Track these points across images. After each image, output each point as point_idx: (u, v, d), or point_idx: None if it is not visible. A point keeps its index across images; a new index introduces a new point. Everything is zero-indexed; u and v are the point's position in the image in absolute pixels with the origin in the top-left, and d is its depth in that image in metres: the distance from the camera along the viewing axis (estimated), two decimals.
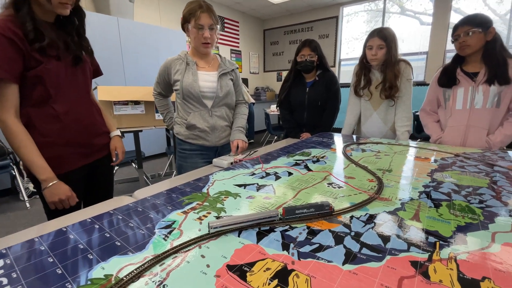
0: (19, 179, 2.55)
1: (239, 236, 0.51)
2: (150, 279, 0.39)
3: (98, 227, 0.55)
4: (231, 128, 1.37)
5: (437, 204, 0.64)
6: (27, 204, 2.47)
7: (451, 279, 0.39)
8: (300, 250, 0.46)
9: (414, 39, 5.09)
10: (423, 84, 4.86)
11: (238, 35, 6.23)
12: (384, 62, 1.48)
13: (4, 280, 0.40)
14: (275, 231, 0.52)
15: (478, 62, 1.30)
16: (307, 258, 0.44)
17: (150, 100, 2.14)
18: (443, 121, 1.44)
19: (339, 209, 0.61)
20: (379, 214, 0.59)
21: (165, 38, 3.97)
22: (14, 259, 0.45)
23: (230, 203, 0.66)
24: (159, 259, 0.43)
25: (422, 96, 1.62)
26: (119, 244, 0.48)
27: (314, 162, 1.01)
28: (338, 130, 1.71)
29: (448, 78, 1.37)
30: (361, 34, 5.74)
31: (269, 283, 0.38)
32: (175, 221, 0.57)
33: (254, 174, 0.88)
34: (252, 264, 0.42)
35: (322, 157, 1.09)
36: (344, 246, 0.47)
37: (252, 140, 5.08)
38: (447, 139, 1.40)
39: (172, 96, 1.42)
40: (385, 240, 0.49)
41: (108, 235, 0.52)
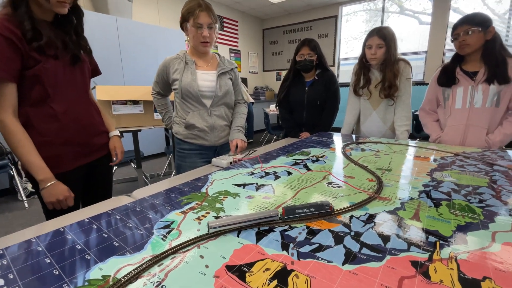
0: (18, 179, 2.54)
1: (238, 236, 0.51)
2: (148, 280, 0.39)
3: (96, 227, 0.55)
4: (230, 128, 1.37)
5: (437, 203, 0.64)
6: (26, 204, 2.46)
7: (451, 279, 0.39)
8: (299, 250, 0.46)
9: (413, 39, 5.09)
10: (422, 83, 4.87)
11: (237, 34, 6.22)
12: (384, 61, 1.48)
13: (1, 281, 0.39)
14: (274, 231, 0.52)
15: (477, 61, 1.29)
16: (306, 258, 0.44)
17: (149, 99, 2.13)
18: (443, 120, 1.44)
19: (338, 208, 0.61)
20: (379, 213, 0.59)
21: (164, 38, 3.96)
22: (11, 260, 0.45)
23: (229, 203, 0.66)
24: (158, 259, 0.43)
25: (421, 95, 1.62)
26: (117, 244, 0.48)
27: (313, 162, 1.01)
28: (338, 130, 1.71)
29: (447, 77, 1.37)
30: (360, 34, 5.75)
31: (268, 284, 0.38)
32: (173, 221, 0.56)
33: (253, 174, 0.88)
34: (251, 265, 0.42)
35: (322, 156, 1.09)
36: (344, 246, 0.47)
37: (251, 140, 5.08)
38: (447, 138, 1.40)
39: (171, 96, 1.41)
40: (385, 240, 0.49)
41: (106, 236, 0.51)
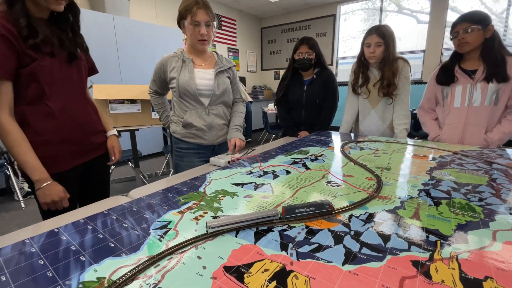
0: (14, 179, 2.51)
1: (236, 236, 0.50)
2: (144, 281, 0.38)
3: (91, 228, 0.54)
4: (229, 127, 1.36)
5: (437, 202, 0.64)
6: (22, 204, 2.44)
7: (453, 279, 0.38)
8: (299, 250, 0.45)
9: (411, 38, 5.10)
10: (420, 82, 4.88)
11: (235, 33, 6.20)
12: (382, 59, 1.47)
13: None
14: (273, 231, 0.51)
15: (476, 60, 1.29)
16: (306, 259, 0.43)
17: (146, 98, 2.12)
18: (441, 119, 1.44)
19: (338, 208, 0.60)
20: (378, 212, 0.58)
21: (161, 36, 3.94)
22: (4, 261, 0.44)
23: (228, 202, 0.65)
24: (154, 260, 0.42)
25: (419, 94, 1.61)
26: (112, 245, 0.47)
27: (312, 161, 1.00)
28: (336, 129, 1.70)
29: (446, 75, 1.36)
30: (358, 33, 5.75)
31: (267, 285, 0.37)
32: (170, 221, 0.56)
33: (251, 173, 0.87)
34: (249, 265, 0.41)
35: (321, 155, 1.08)
36: (344, 246, 0.46)
37: (249, 139, 5.07)
38: (445, 137, 1.40)
39: (169, 95, 1.40)
40: (385, 240, 0.48)
41: (101, 236, 0.50)
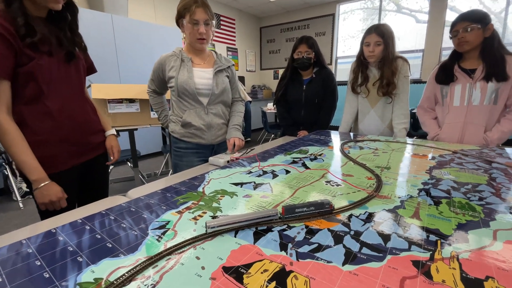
0: (12, 179, 2.50)
1: (235, 236, 0.49)
2: (142, 282, 0.38)
3: (89, 228, 0.53)
4: (228, 126, 1.35)
5: (436, 201, 0.63)
6: (20, 205, 2.43)
7: (454, 279, 0.38)
8: (298, 250, 0.45)
9: (410, 37, 5.10)
10: (419, 81, 4.88)
11: (234, 32, 6.19)
12: (382, 59, 1.47)
13: None
14: (272, 231, 0.51)
15: (475, 59, 1.29)
16: (306, 259, 0.43)
17: (145, 98, 2.11)
18: (441, 118, 1.44)
19: (338, 207, 0.60)
20: (378, 212, 0.58)
21: (160, 36, 3.92)
22: (0, 262, 0.43)
23: (227, 202, 0.64)
24: (152, 261, 0.41)
25: (418, 93, 1.61)
26: (110, 245, 0.47)
27: (311, 160, 1.00)
28: (335, 128, 1.70)
29: (445, 74, 1.36)
30: (357, 32, 5.75)
31: (266, 286, 0.37)
32: (169, 221, 0.55)
33: (251, 173, 0.86)
34: (249, 266, 0.41)
35: (320, 154, 1.08)
36: (344, 246, 0.46)
37: (249, 139, 5.06)
38: (445, 136, 1.39)
39: (167, 94, 1.40)
40: (385, 239, 0.48)
41: (99, 237, 0.50)
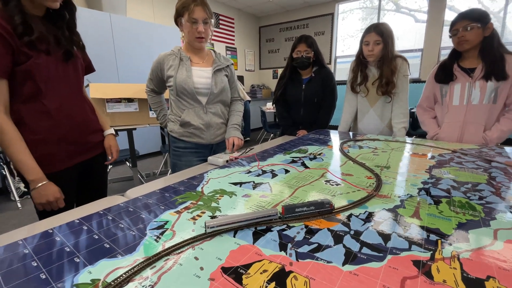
0: (10, 178, 2.49)
1: (234, 236, 0.49)
2: (140, 283, 0.37)
3: (86, 228, 0.52)
4: (227, 126, 1.35)
5: (436, 201, 0.63)
6: (19, 205, 2.42)
7: (455, 279, 0.38)
8: (298, 250, 0.44)
9: (409, 37, 5.11)
10: (418, 81, 4.89)
11: (233, 32, 6.18)
12: (381, 58, 1.47)
13: None
14: (272, 231, 0.51)
15: (475, 58, 1.29)
16: (305, 259, 0.42)
17: (143, 97, 2.10)
18: (440, 117, 1.44)
19: (337, 207, 0.60)
20: (378, 211, 0.58)
21: (159, 35, 3.91)
22: None
23: (225, 202, 0.64)
24: (150, 261, 0.41)
25: (417, 93, 1.61)
26: (108, 246, 0.46)
27: (311, 159, 0.99)
28: (335, 128, 1.70)
29: (445, 74, 1.36)
30: (356, 32, 5.75)
31: (266, 286, 0.36)
32: (167, 221, 0.55)
33: (250, 172, 0.86)
34: (248, 266, 0.41)
35: (319, 154, 1.07)
36: (344, 246, 0.45)
37: (248, 138, 5.06)
38: (444, 135, 1.39)
39: (166, 93, 1.39)
40: (385, 239, 0.47)
41: (96, 237, 0.49)
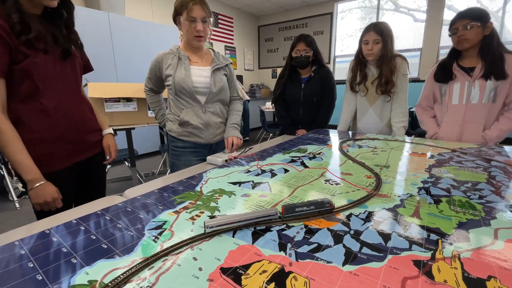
0: (8, 178, 2.48)
1: (233, 236, 0.48)
2: (138, 284, 0.37)
3: (84, 228, 0.52)
4: (226, 125, 1.34)
5: (436, 200, 0.63)
6: (17, 205, 2.41)
7: (456, 278, 0.37)
8: (297, 250, 0.44)
9: (408, 36, 5.11)
10: (417, 80, 4.89)
11: (232, 31, 6.17)
12: (380, 57, 1.46)
13: None
14: (271, 231, 0.50)
15: (474, 57, 1.29)
16: (305, 259, 0.42)
17: (142, 97, 2.09)
18: (439, 116, 1.44)
19: (337, 206, 0.59)
20: (378, 211, 0.57)
21: (157, 34, 3.90)
22: None
23: (224, 201, 0.64)
24: (148, 262, 0.41)
25: (416, 92, 1.60)
26: (105, 246, 0.46)
27: (310, 159, 0.99)
28: (334, 127, 1.69)
29: (444, 73, 1.36)
30: (355, 31, 5.75)
31: (265, 287, 0.36)
32: (166, 221, 0.54)
33: (249, 172, 0.85)
34: (247, 267, 0.40)
35: (319, 153, 1.07)
36: (344, 246, 0.45)
37: (247, 138, 5.05)
38: (443, 134, 1.39)
39: (164, 93, 1.38)
40: (385, 239, 0.47)
41: (94, 238, 0.49)
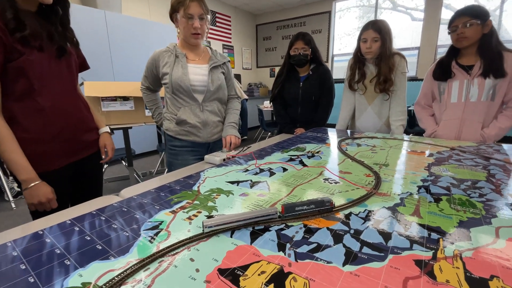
0: (3, 178, 2.45)
1: (231, 236, 0.47)
2: (133, 286, 0.36)
3: (78, 229, 0.51)
4: (224, 124, 1.33)
5: (436, 198, 0.62)
6: (13, 205, 2.38)
7: (458, 278, 0.37)
8: (297, 250, 0.43)
9: (405, 35, 5.11)
10: (415, 79, 4.90)
11: (230, 30, 6.14)
12: (379, 55, 1.46)
13: None
14: (270, 230, 0.49)
15: (473, 55, 1.28)
16: (305, 259, 0.41)
17: (139, 95, 2.07)
18: (438, 114, 1.43)
19: (337, 205, 0.58)
20: (378, 210, 0.57)
21: (155, 32, 3.87)
22: None
23: (222, 201, 0.63)
24: (144, 263, 0.39)
25: (414, 91, 1.60)
26: (100, 248, 0.44)
27: (309, 158, 0.98)
28: (332, 126, 1.69)
29: (443, 71, 1.35)
30: (353, 30, 5.75)
31: None
32: (162, 221, 0.53)
33: (247, 171, 0.85)
34: (245, 267, 0.39)
35: (317, 152, 1.06)
36: (344, 245, 0.44)
37: (245, 137, 5.04)
38: (442, 132, 1.39)
39: (161, 91, 1.37)
40: (386, 238, 0.46)
41: (88, 238, 0.47)
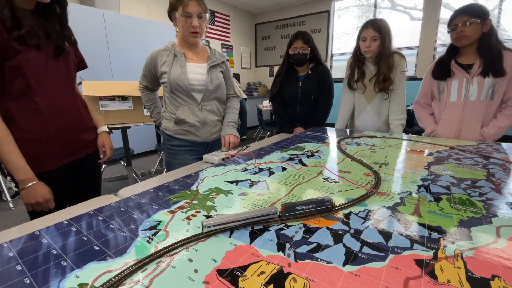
0: (1, 178, 2.44)
1: (230, 236, 0.47)
2: (130, 287, 0.35)
3: (75, 229, 0.50)
4: (222, 123, 1.33)
5: (437, 197, 0.62)
6: (11, 205, 2.37)
7: (459, 278, 0.36)
8: (296, 250, 0.43)
9: (404, 34, 5.11)
10: (414, 78, 4.90)
11: (229, 29, 6.13)
12: (378, 54, 1.46)
13: None
14: (269, 230, 0.49)
15: (473, 54, 1.28)
16: (304, 259, 0.40)
17: (138, 95, 2.06)
18: (437, 114, 1.43)
19: (336, 205, 0.58)
20: (378, 209, 0.56)
21: (153, 32, 3.86)
22: None
23: (221, 200, 0.62)
24: (142, 264, 0.39)
25: (413, 90, 1.60)
26: (97, 248, 0.44)
27: (308, 157, 0.98)
28: (331, 126, 1.68)
29: (442, 70, 1.35)
30: (352, 30, 5.74)
31: None
32: (160, 221, 0.52)
33: (246, 170, 0.84)
34: (244, 268, 0.39)
35: (317, 151, 1.06)
36: (344, 245, 0.44)
37: (244, 136, 5.04)
38: (441, 132, 1.39)
39: (160, 90, 1.36)
40: (386, 238, 0.46)
41: (85, 239, 0.47)
